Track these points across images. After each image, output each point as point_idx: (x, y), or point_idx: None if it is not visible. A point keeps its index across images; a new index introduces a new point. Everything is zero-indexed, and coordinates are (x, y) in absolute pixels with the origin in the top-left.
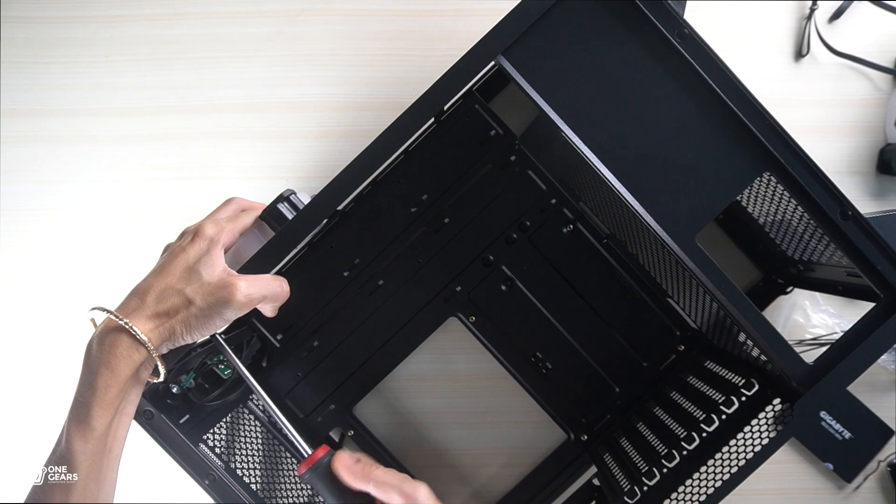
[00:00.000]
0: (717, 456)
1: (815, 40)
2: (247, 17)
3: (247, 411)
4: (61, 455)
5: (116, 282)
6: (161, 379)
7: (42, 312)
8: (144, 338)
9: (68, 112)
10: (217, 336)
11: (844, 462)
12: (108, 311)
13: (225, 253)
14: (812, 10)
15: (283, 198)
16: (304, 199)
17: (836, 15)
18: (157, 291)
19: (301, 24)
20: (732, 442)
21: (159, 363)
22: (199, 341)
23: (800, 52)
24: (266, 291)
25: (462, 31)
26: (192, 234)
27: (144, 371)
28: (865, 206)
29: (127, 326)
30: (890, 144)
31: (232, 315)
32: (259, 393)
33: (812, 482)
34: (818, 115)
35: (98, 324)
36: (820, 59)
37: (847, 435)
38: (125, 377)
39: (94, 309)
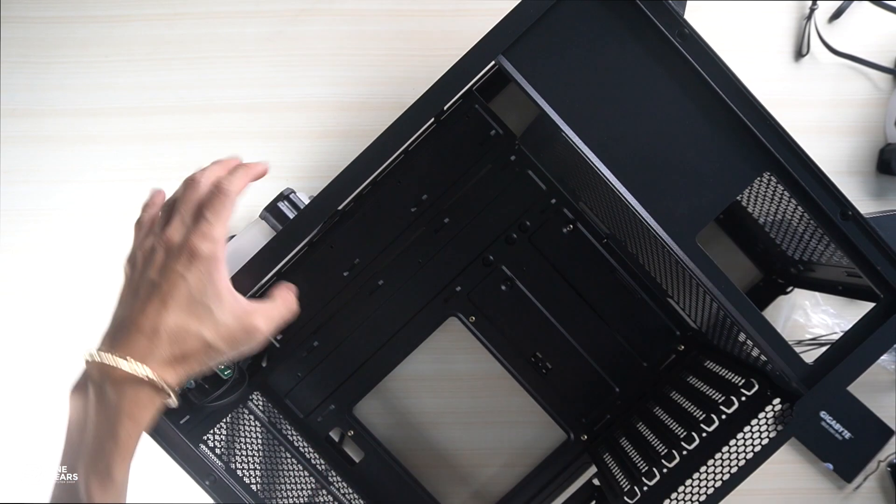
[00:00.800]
0: (717, 456)
1: (815, 40)
2: (247, 17)
3: (247, 411)
4: None
5: (116, 282)
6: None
7: (42, 312)
8: (170, 391)
9: (68, 112)
10: None
11: (844, 462)
12: (124, 358)
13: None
14: (812, 10)
15: (283, 196)
16: (304, 199)
17: (836, 15)
18: (168, 332)
19: (301, 24)
20: (732, 442)
21: (173, 399)
22: None
23: (800, 52)
24: (281, 322)
25: (462, 31)
26: (178, 251)
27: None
28: (865, 206)
29: (154, 380)
30: (890, 144)
31: (248, 350)
32: None
33: (812, 482)
34: (818, 115)
35: (96, 358)
36: (820, 59)
37: (847, 435)
38: (147, 425)
39: (100, 351)
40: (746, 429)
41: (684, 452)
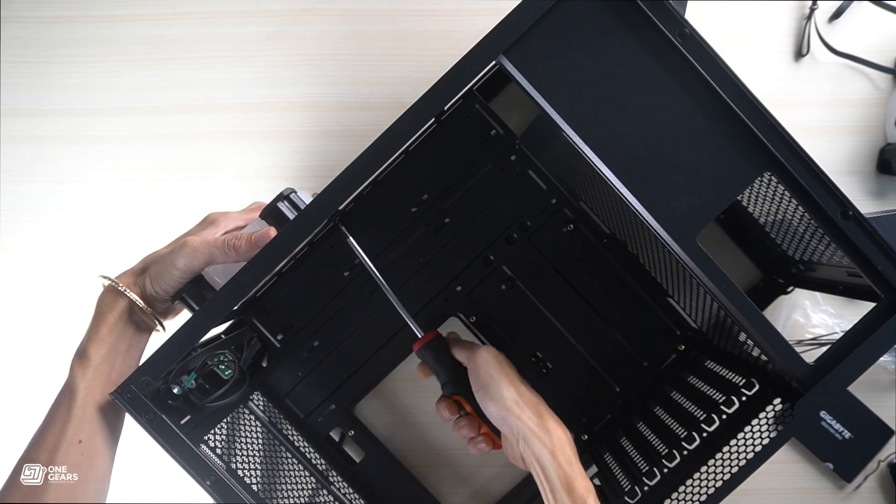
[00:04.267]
0: (718, 456)
1: (815, 40)
2: (247, 17)
3: (247, 412)
4: (66, 384)
5: None
6: (161, 330)
7: (42, 312)
8: (119, 284)
9: (68, 112)
10: None
11: (844, 462)
12: (104, 277)
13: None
14: (812, 10)
15: (283, 196)
16: (306, 197)
17: (836, 15)
18: (145, 256)
19: (301, 24)
20: (733, 442)
21: (137, 299)
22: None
23: (800, 52)
24: (211, 250)
25: (462, 30)
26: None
27: (136, 317)
28: (865, 206)
29: (109, 281)
30: (890, 144)
31: (182, 263)
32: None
33: (812, 482)
34: (818, 115)
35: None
36: (820, 59)
37: (847, 435)
38: (112, 318)
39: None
40: (747, 429)
41: (685, 452)
